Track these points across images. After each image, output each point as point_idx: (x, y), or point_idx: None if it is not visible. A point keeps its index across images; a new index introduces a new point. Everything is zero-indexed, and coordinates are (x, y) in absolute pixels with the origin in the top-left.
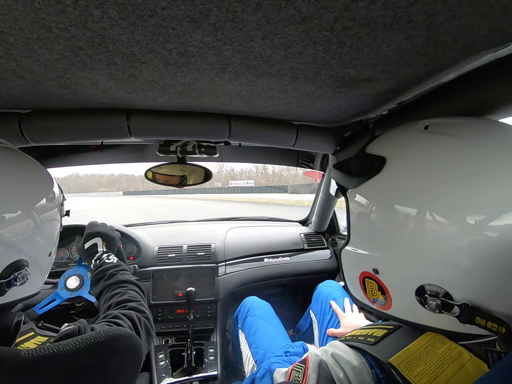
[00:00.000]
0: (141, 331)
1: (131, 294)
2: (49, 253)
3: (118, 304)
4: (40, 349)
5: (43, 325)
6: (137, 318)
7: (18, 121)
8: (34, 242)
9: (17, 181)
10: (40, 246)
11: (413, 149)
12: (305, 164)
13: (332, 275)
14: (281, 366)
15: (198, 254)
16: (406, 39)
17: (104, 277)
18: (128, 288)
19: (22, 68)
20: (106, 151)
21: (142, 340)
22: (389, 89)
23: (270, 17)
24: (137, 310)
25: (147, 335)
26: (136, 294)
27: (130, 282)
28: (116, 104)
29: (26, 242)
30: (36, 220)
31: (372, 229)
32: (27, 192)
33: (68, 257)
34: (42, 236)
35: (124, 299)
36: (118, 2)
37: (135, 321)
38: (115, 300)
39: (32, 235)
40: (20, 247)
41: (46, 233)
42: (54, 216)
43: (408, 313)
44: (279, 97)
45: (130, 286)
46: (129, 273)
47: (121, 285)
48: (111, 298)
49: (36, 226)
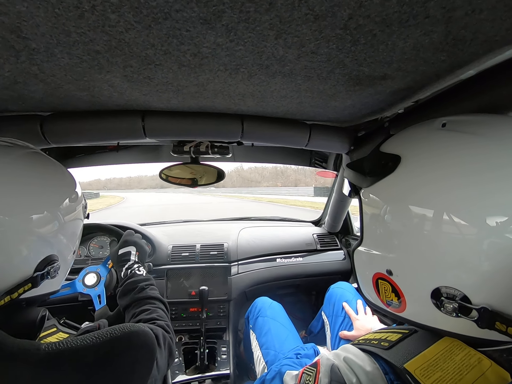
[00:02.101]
0: (163, 349)
1: (159, 313)
2: (73, 252)
3: (146, 321)
4: (59, 343)
5: (65, 322)
6: (163, 336)
7: (40, 123)
8: (59, 241)
9: (43, 184)
10: (64, 245)
11: (429, 148)
12: (318, 164)
13: (345, 276)
14: (292, 368)
15: (211, 254)
16: (423, 35)
17: (134, 290)
18: (156, 306)
19: (43, 72)
20: (122, 151)
21: (163, 358)
22: (405, 87)
23: (283, 16)
24: (164, 329)
25: (168, 355)
26: (164, 314)
27: (158, 299)
28: (132, 106)
29: (51, 239)
30: (60, 219)
31: (386, 230)
32: (52, 193)
33: (86, 255)
34: (65, 234)
35: (153, 317)
36: (134, 6)
37: (159, 338)
38: (144, 317)
39: (57, 234)
40: (51, 241)
41: (70, 232)
42: (77, 216)
43: (423, 316)
44: (292, 96)
45: (158, 304)
46: (156, 289)
47: (150, 301)
48: (139, 313)
49: (61, 225)
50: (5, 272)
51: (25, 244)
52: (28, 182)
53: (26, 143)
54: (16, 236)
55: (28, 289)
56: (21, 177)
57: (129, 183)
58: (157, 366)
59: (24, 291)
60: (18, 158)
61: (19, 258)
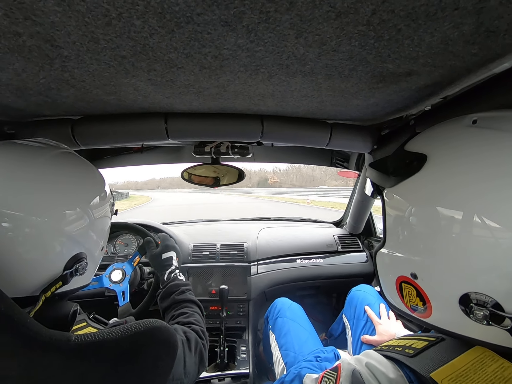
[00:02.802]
0: (193, 354)
1: (196, 318)
2: (101, 248)
3: (183, 324)
4: (88, 335)
5: (94, 317)
6: (195, 341)
7: (71, 127)
8: (89, 237)
9: (76, 182)
10: (94, 241)
11: (458, 146)
12: (340, 163)
13: (368, 279)
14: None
15: (231, 253)
16: (452, 28)
17: (175, 292)
18: (194, 310)
19: (74, 78)
20: (146, 153)
21: (192, 363)
22: (432, 82)
23: (304, 15)
24: (198, 334)
25: (199, 361)
26: (200, 319)
27: (196, 304)
28: (155, 108)
29: (84, 236)
30: (91, 216)
31: (410, 231)
32: (83, 191)
33: (112, 252)
34: (95, 231)
35: (189, 321)
36: (158, 11)
37: (191, 342)
38: (181, 320)
39: (87, 230)
40: (79, 240)
41: (99, 229)
42: (106, 213)
43: (450, 323)
44: (312, 96)
45: (196, 308)
46: (193, 293)
47: (188, 305)
48: (178, 316)
49: (91, 221)
50: (39, 268)
51: (58, 240)
52: (61, 180)
53: (59, 143)
54: (51, 232)
55: (59, 287)
56: (54, 176)
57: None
58: (185, 369)
59: (56, 289)
60: (52, 158)
61: (53, 254)
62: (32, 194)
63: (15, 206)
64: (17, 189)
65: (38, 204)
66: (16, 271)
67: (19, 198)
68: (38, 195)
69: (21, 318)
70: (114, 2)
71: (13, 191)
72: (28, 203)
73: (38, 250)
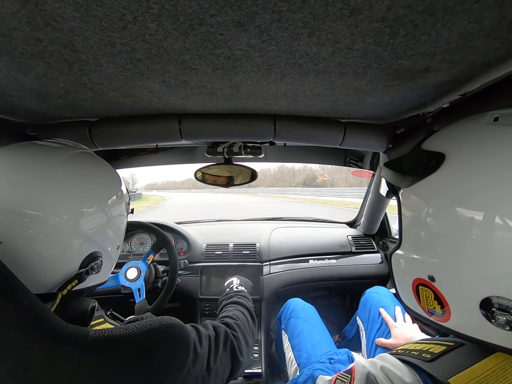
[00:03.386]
0: (220, 348)
1: (235, 313)
2: (117, 246)
3: (219, 319)
4: (105, 331)
5: (111, 314)
6: (224, 334)
7: (88, 128)
8: (106, 235)
9: (93, 180)
10: (110, 239)
11: (478, 144)
12: (354, 163)
13: (383, 281)
14: (324, 373)
15: (244, 253)
16: (472, 22)
17: (225, 299)
18: (236, 308)
19: (92, 81)
20: (160, 153)
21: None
22: (451, 79)
23: (317, 13)
24: (230, 327)
25: (231, 356)
26: (241, 314)
27: (241, 304)
28: (169, 110)
29: (100, 235)
30: (108, 214)
31: (428, 233)
32: (101, 190)
33: (128, 250)
34: (112, 229)
35: (225, 315)
36: (172, 14)
37: (220, 336)
38: (219, 316)
39: (104, 228)
40: (95, 239)
41: (116, 227)
42: (122, 212)
43: (470, 328)
44: (325, 94)
45: (240, 308)
46: (248, 300)
47: (232, 305)
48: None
49: (108, 220)
50: (57, 265)
51: (76, 238)
52: (80, 179)
53: (77, 144)
54: (70, 231)
55: (76, 285)
56: (73, 175)
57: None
58: (209, 366)
59: (72, 287)
60: (70, 158)
61: (70, 252)
62: (51, 194)
63: (35, 206)
64: (37, 189)
65: (58, 203)
66: (35, 268)
67: (39, 198)
68: (57, 194)
69: (43, 312)
70: (129, 6)
71: (33, 191)
72: (47, 203)
73: (57, 248)
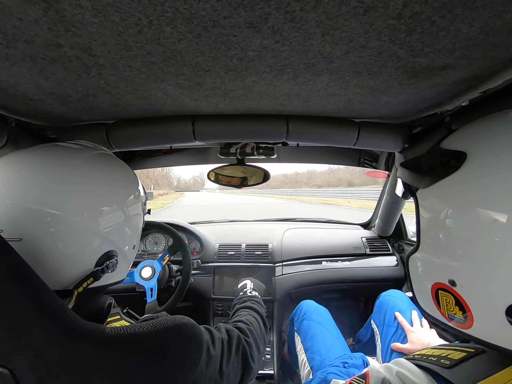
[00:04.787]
0: (233, 353)
1: (248, 318)
2: (133, 246)
3: (232, 323)
4: (121, 328)
5: (127, 312)
6: (237, 339)
7: (106, 131)
8: (123, 234)
9: (112, 180)
10: (128, 238)
11: (503, 142)
12: (368, 163)
13: (398, 284)
14: (338, 377)
15: (256, 253)
16: (493, 16)
17: (239, 302)
18: (249, 313)
19: (109, 84)
20: (174, 154)
21: (234, 363)
22: (471, 76)
23: (330, 12)
24: (243, 332)
25: (243, 361)
26: (254, 320)
27: (255, 310)
28: (183, 111)
29: (117, 234)
30: (126, 213)
31: (448, 235)
32: (119, 189)
33: (143, 249)
34: (129, 228)
35: (238, 320)
36: (186, 17)
37: (232, 340)
38: (232, 320)
39: (122, 227)
40: (111, 239)
41: (133, 226)
42: (139, 212)
43: (494, 336)
44: (339, 94)
45: (253, 313)
46: (261, 306)
47: (245, 310)
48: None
49: (126, 219)
50: (75, 263)
51: (94, 236)
52: (99, 179)
53: (96, 145)
54: (88, 229)
55: (91, 282)
56: (92, 174)
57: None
58: (221, 369)
59: (88, 285)
60: (90, 158)
61: (88, 250)
62: (71, 193)
63: (56, 205)
64: (59, 188)
65: (77, 202)
66: (54, 265)
67: (60, 197)
68: (77, 193)
69: (62, 309)
70: (145, 11)
71: (54, 190)
72: (68, 202)
73: (76, 246)
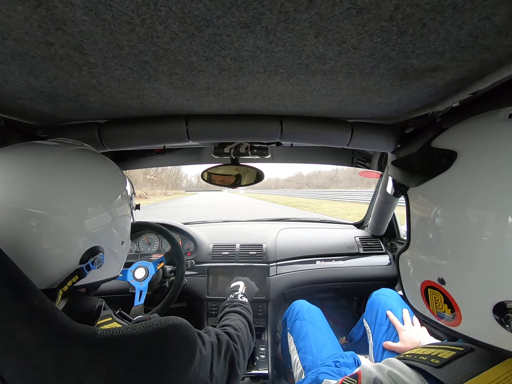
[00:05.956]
0: (222, 357)
1: (238, 324)
2: (121, 242)
3: (220, 327)
4: (113, 330)
5: (120, 313)
6: (226, 344)
7: (98, 130)
8: (110, 233)
9: (96, 177)
10: (115, 237)
11: (492, 142)
12: (361, 163)
13: (391, 283)
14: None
15: (250, 253)
16: (482, 19)
17: (228, 306)
18: (237, 318)
19: (101, 84)
20: (168, 154)
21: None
22: (461, 77)
23: (323, 13)
24: (232, 338)
25: (229, 366)
26: (243, 326)
27: (243, 315)
28: (176, 111)
29: (103, 233)
30: (113, 214)
31: (437, 233)
32: (106, 190)
33: (136, 250)
34: (117, 228)
35: (228, 324)
36: (179, 16)
37: (222, 345)
38: (221, 323)
39: (109, 228)
40: (98, 237)
41: (120, 226)
42: (126, 212)
43: (482, 333)
44: (332, 95)
45: (242, 318)
46: (250, 313)
47: (235, 315)
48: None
49: (113, 219)
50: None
51: (79, 236)
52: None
53: (75, 141)
54: (73, 229)
55: (76, 280)
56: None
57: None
58: (211, 372)
59: (73, 283)
60: (66, 154)
61: (73, 249)
62: (54, 193)
63: (38, 204)
64: (38, 187)
65: (60, 200)
66: (38, 265)
67: (40, 196)
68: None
69: (52, 311)
70: (137, 9)
71: (34, 189)
72: (50, 201)
73: (61, 246)
